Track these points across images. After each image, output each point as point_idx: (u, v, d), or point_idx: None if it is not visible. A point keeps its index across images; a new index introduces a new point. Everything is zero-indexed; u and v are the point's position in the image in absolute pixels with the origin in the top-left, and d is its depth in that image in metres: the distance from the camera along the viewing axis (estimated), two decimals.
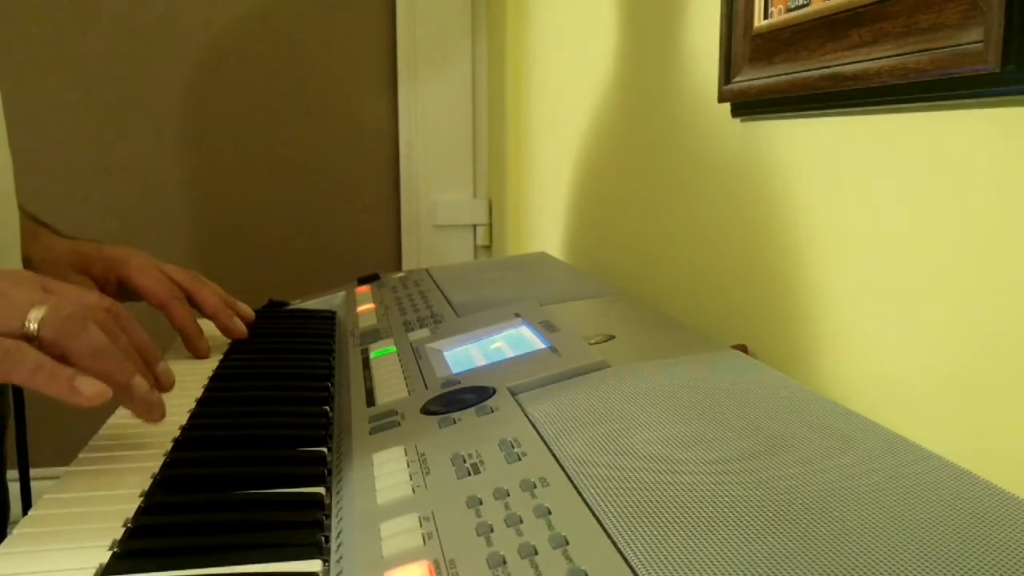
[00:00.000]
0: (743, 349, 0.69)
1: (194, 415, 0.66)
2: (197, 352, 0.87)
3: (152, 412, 0.60)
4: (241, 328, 0.91)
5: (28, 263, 0.81)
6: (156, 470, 0.56)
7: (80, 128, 1.86)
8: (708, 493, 0.40)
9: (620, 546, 0.37)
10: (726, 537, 0.36)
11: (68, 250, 0.87)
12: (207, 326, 0.90)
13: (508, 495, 0.43)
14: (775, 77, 0.70)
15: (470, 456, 0.49)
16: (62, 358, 0.56)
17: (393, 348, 0.77)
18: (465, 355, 0.70)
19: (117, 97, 1.86)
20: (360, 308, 0.96)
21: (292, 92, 1.93)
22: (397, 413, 0.60)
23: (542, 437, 0.49)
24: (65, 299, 0.58)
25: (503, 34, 1.77)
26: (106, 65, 1.85)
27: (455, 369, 0.66)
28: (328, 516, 0.50)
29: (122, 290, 0.89)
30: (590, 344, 0.64)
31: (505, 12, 1.74)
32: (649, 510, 0.39)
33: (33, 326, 0.55)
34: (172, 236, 1.92)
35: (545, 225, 1.51)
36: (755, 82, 0.73)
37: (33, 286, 0.59)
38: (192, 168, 1.93)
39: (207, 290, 0.91)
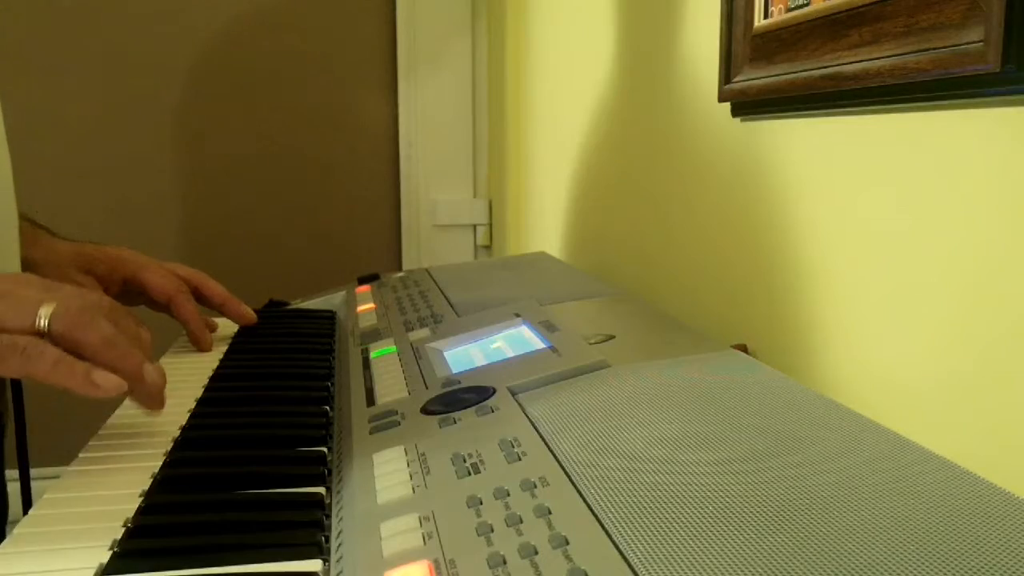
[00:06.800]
0: (743, 349, 0.69)
1: (194, 415, 0.66)
2: (201, 345, 0.89)
3: (156, 400, 0.61)
4: (250, 314, 0.94)
5: (31, 265, 0.81)
6: (156, 470, 0.56)
7: (79, 128, 1.86)
8: (709, 493, 0.40)
9: (620, 546, 0.37)
10: (727, 537, 0.36)
11: (71, 251, 0.88)
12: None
13: (508, 495, 0.43)
14: (775, 77, 0.70)
15: (470, 456, 0.49)
16: (74, 351, 0.57)
17: (393, 348, 0.77)
18: (465, 355, 0.70)
19: (115, 97, 1.86)
20: (360, 308, 0.96)
21: (292, 92, 1.93)
22: (397, 413, 0.60)
23: (542, 437, 0.49)
24: (70, 295, 0.59)
25: (503, 33, 1.77)
26: (104, 65, 1.85)
27: (455, 369, 0.66)
28: (328, 516, 0.50)
29: (126, 290, 0.90)
30: (590, 344, 0.64)
31: (505, 12, 1.74)
32: (650, 510, 0.39)
33: (44, 322, 0.56)
34: (172, 236, 1.92)
35: (545, 225, 1.51)
36: (755, 82, 0.73)
37: (37, 286, 0.60)
38: (192, 168, 1.93)
39: (213, 282, 0.93)
